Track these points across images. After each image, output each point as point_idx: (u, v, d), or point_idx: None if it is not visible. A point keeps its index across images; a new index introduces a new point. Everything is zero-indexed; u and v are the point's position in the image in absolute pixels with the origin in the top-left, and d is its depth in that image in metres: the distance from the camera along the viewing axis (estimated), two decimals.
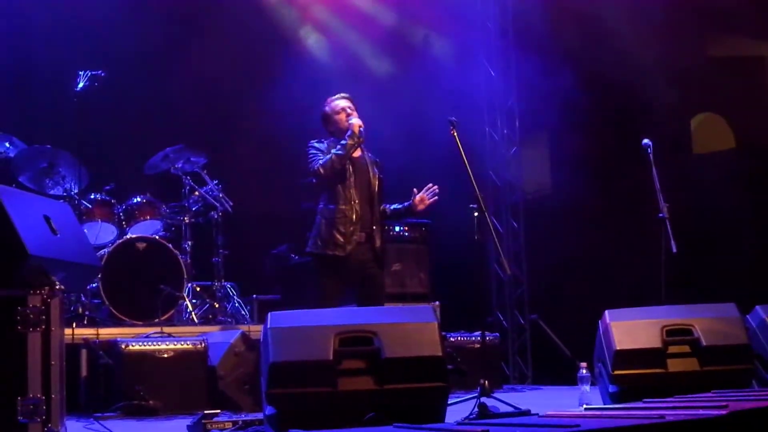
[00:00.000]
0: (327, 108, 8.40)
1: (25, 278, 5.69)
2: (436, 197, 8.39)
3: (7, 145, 10.28)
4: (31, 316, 5.63)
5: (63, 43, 11.64)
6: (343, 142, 8.10)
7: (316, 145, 8.23)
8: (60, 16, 11.72)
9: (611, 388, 6.70)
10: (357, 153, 8.28)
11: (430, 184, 8.36)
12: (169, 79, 11.99)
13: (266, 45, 12.83)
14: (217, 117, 12.48)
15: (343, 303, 8.12)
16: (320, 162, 8.08)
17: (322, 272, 8.18)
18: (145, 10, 11.93)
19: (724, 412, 3.93)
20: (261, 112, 11.81)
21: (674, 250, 8.22)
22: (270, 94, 11.58)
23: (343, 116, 8.27)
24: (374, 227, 8.21)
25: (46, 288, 5.72)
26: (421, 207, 8.34)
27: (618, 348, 6.65)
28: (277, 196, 11.91)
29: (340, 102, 8.35)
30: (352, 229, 8.06)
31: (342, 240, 8.04)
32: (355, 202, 8.11)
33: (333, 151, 8.08)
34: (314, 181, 8.34)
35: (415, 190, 8.35)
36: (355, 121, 8.16)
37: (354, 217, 8.09)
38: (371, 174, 8.32)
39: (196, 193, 10.82)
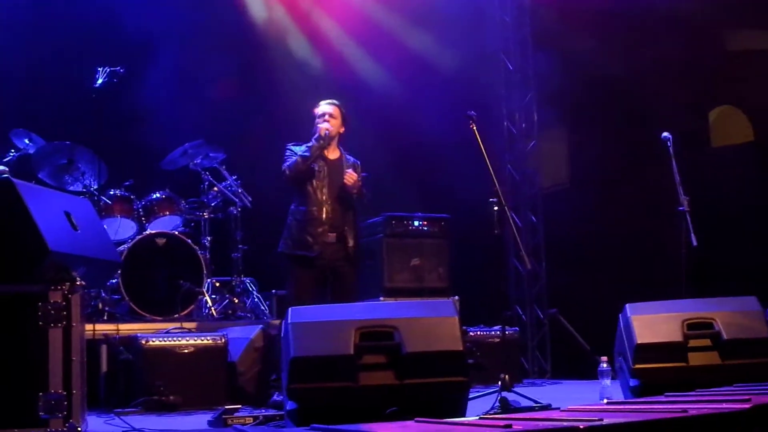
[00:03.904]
0: (314, 109, 8.60)
1: (45, 274, 5.71)
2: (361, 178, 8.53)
3: (26, 141, 10.32)
4: (52, 311, 5.65)
5: (81, 39, 11.69)
6: (309, 144, 8.29)
7: (292, 147, 8.57)
8: (78, 11, 11.75)
9: (632, 382, 6.68)
10: (334, 155, 8.55)
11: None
12: (188, 75, 12.00)
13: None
14: (236, 112, 12.50)
15: (317, 301, 8.16)
16: (287, 164, 8.30)
17: (293, 271, 8.41)
18: (163, 5, 11.93)
19: (747, 405, 3.91)
20: (279, 106, 11.84)
21: (694, 243, 8.19)
22: (289, 89, 11.61)
23: (320, 121, 8.43)
24: (346, 228, 8.42)
25: (67, 284, 5.74)
26: (348, 182, 8.40)
27: (639, 342, 6.63)
28: None
29: (323, 107, 8.64)
30: (320, 230, 8.28)
31: (311, 240, 8.28)
32: (327, 203, 8.29)
33: (299, 153, 8.29)
34: (284, 182, 8.51)
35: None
36: (322, 126, 8.45)
37: (324, 217, 8.32)
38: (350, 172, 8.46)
39: (215, 188, 10.83)
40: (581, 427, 3.51)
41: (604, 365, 7.49)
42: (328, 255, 8.31)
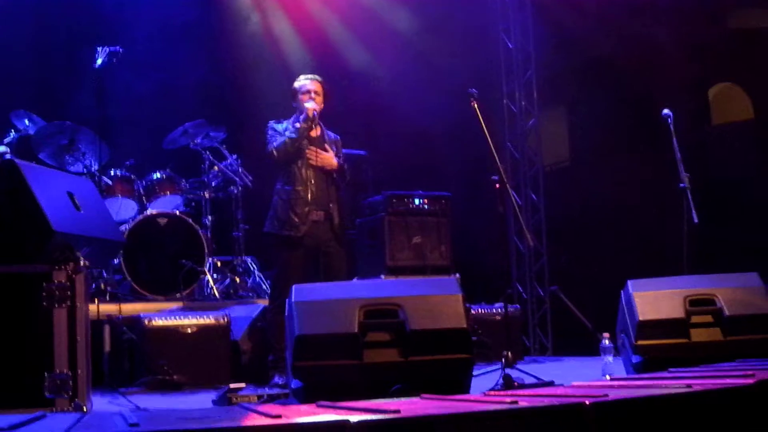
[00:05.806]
0: (295, 84, 8.54)
1: (50, 254, 5.72)
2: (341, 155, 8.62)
3: (26, 122, 10.31)
4: (57, 292, 5.67)
5: (81, 20, 11.67)
6: (296, 125, 8.27)
7: (275, 126, 8.47)
8: None
9: (634, 359, 6.70)
10: (316, 132, 8.47)
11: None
12: (188, 54, 11.99)
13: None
14: (236, 91, 12.50)
15: (305, 281, 8.15)
16: (274, 144, 8.31)
17: (280, 251, 8.36)
18: None
19: (751, 381, 3.93)
20: (280, 85, 11.83)
21: (695, 220, 8.20)
22: (290, 67, 11.61)
23: (305, 98, 8.41)
24: (331, 205, 8.38)
25: (71, 264, 5.75)
26: (319, 164, 8.39)
27: (641, 318, 6.64)
28: None
29: (307, 83, 8.52)
30: (307, 209, 8.25)
31: (297, 221, 8.25)
32: (311, 182, 8.29)
33: (287, 134, 8.26)
34: (270, 162, 8.46)
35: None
36: (310, 105, 8.32)
37: (309, 197, 8.27)
38: (329, 153, 8.44)
39: (216, 168, 10.82)
40: (587, 402, 3.53)
41: (606, 342, 7.49)
42: (316, 234, 8.28)
